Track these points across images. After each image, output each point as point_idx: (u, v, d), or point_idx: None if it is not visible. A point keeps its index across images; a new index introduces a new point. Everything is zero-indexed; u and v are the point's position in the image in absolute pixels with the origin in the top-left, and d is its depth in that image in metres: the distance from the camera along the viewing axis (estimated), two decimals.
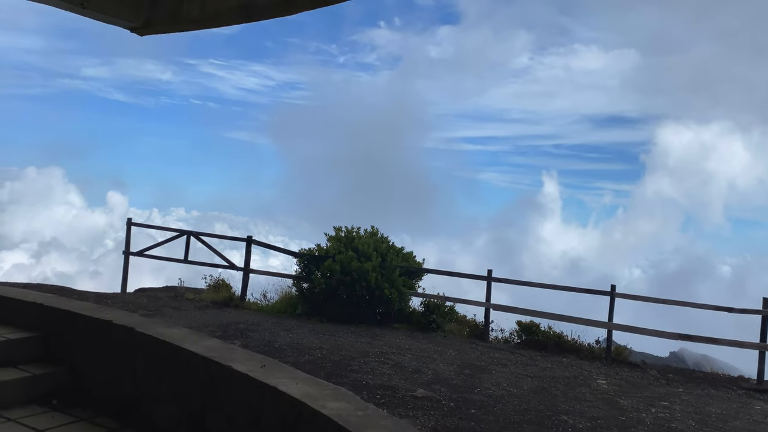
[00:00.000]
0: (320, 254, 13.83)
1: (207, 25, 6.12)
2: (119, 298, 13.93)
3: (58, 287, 14.46)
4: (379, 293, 12.90)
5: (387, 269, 13.15)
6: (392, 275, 13.10)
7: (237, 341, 10.40)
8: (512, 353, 12.26)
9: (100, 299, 13.49)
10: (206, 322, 12.10)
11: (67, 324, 5.68)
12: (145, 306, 13.25)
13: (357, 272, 12.85)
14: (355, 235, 14.20)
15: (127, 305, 13.14)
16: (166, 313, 12.73)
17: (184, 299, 14.54)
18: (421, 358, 10.68)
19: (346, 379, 8.64)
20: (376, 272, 12.90)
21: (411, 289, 13.59)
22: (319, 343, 10.95)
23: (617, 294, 12.54)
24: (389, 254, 13.44)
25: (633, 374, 11.90)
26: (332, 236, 14.30)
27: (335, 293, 13.16)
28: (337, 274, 13.01)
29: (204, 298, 14.57)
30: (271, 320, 12.84)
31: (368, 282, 12.78)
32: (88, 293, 14.14)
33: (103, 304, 13.18)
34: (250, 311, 13.86)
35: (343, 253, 13.34)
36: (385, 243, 13.81)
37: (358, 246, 13.43)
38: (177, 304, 13.82)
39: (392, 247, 13.79)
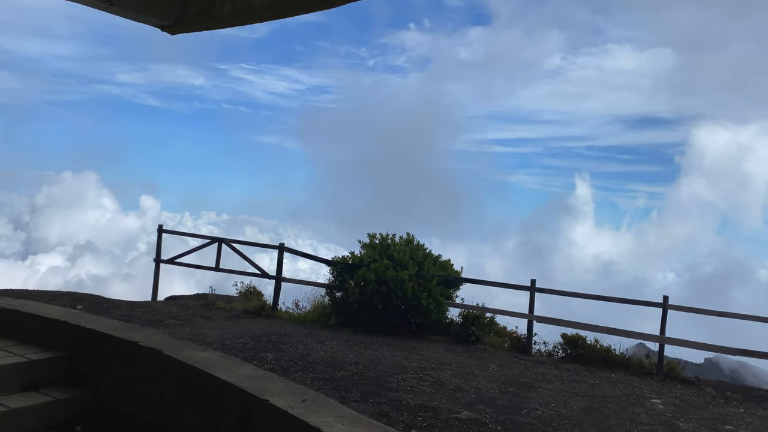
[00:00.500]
0: (354, 262, 13.38)
1: (239, 22, 5.71)
2: (150, 306, 13.67)
3: (90, 295, 14.27)
4: (416, 304, 12.39)
5: (424, 279, 12.63)
6: (429, 285, 12.57)
7: (270, 354, 9.99)
8: (557, 368, 11.62)
9: (131, 308, 13.25)
10: (238, 333, 11.73)
11: (93, 344, 5.29)
12: (175, 315, 12.95)
13: (393, 282, 12.35)
14: (390, 242, 13.71)
15: (158, 314, 12.85)
16: (197, 324, 12.40)
17: (215, 308, 14.22)
18: (462, 374, 10.12)
19: (384, 398, 8.14)
20: (412, 282, 12.39)
21: (449, 299, 13.04)
22: (355, 357, 10.47)
23: (670, 306, 11.82)
24: (426, 263, 12.92)
25: (688, 392, 11.17)
26: (366, 243, 13.84)
27: (370, 303, 12.68)
28: (371, 283, 12.53)
29: (235, 307, 14.22)
30: (304, 331, 12.41)
31: (404, 292, 12.28)
32: (119, 301, 13.92)
33: (133, 314, 12.94)
34: (282, 321, 13.46)
35: (378, 262, 12.86)
36: (421, 251, 13.30)
37: (393, 254, 12.94)
38: (208, 314, 13.49)
39: (429, 255, 13.26)
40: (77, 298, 13.66)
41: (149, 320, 12.20)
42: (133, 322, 11.97)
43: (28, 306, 6.10)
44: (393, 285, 12.35)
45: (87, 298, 13.79)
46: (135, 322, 11.96)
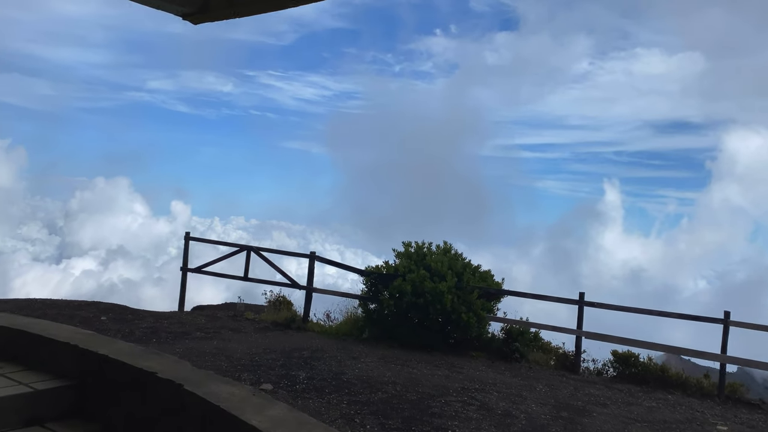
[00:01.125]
0: (388, 272, 12.67)
1: (266, 8, 5.05)
2: (176, 317, 13.13)
3: (115, 305, 13.81)
4: (456, 318, 11.62)
5: (463, 291, 11.86)
6: (470, 297, 11.79)
7: (301, 373, 9.32)
8: (609, 389, 10.74)
9: (157, 319, 12.73)
10: (267, 347, 11.10)
11: (105, 372, 4.66)
12: (202, 327, 12.38)
13: (431, 294, 11.61)
14: (427, 251, 12.97)
15: (184, 326, 12.31)
16: (225, 336, 11.81)
17: (244, 319, 13.63)
18: (509, 396, 9.32)
19: (428, 426, 7.39)
20: (451, 294, 11.62)
21: (490, 312, 12.24)
22: (392, 376, 9.74)
23: (732, 322, 10.86)
24: (465, 273, 12.14)
25: (754, 416, 10.21)
26: (401, 252, 13.12)
27: (406, 316, 11.95)
28: (408, 295, 11.80)
29: (264, 318, 13.62)
30: (336, 345, 11.73)
31: (443, 305, 11.52)
32: (144, 312, 13.43)
33: (159, 326, 12.41)
34: (313, 334, 12.80)
35: (415, 272, 12.13)
36: (460, 261, 12.53)
37: (430, 264, 12.20)
38: (236, 325, 12.91)
39: (468, 265, 12.48)
40: (102, 308, 13.20)
41: (175, 333, 11.66)
42: (159, 335, 11.45)
43: (36, 325, 5.51)
44: (431, 297, 11.60)
45: (112, 308, 13.33)
46: (161, 335, 11.43)
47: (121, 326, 11.85)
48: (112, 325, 11.91)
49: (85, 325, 11.71)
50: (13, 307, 12.75)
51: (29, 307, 12.75)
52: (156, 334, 11.44)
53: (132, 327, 11.84)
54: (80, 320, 12.01)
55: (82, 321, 11.96)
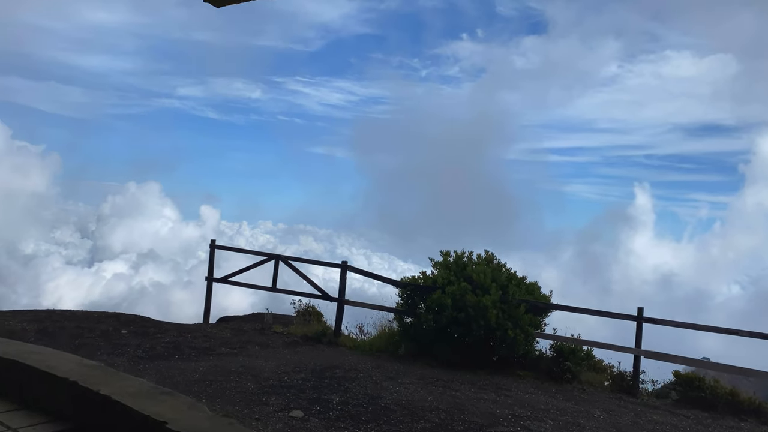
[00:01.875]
0: (426, 284, 11.77)
1: None
2: (200, 330, 12.40)
3: (137, 317, 13.14)
4: (501, 334, 10.67)
5: (509, 305, 10.90)
6: (516, 312, 10.83)
7: (335, 396, 8.47)
8: (673, 414, 9.69)
9: (180, 332, 12.02)
10: (297, 365, 10.29)
11: (107, 417, 3.86)
12: (228, 342, 11.63)
13: (473, 308, 10.68)
14: (467, 260, 12.05)
15: (208, 340, 11.56)
16: (252, 352, 11.04)
17: (272, 332, 12.85)
18: (566, 425, 8.34)
19: None
20: (496, 308, 10.69)
21: (537, 328, 11.26)
22: (434, 400, 8.83)
23: None
24: (510, 286, 11.19)
25: None
26: (439, 262, 12.21)
27: (446, 332, 11.04)
28: (448, 309, 10.89)
29: (293, 331, 12.82)
30: (371, 363, 10.87)
31: (487, 320, 10.58)
32: (167, 324, 12.72)
33: (182, 340, 11.69)
34: (345, 350, 11.96)
35: (455, 284, 11.22)
36: (504, 271, 11.57)
37: (472, 275, 11.27)
38: (264, 339, 12.13)
39: (513, 276, 11.52)
40: (123, 320, 12.53)
41: (199, 348, 10.92)
42: (181, 350, 10.72)
43: (34, 355, 4.75)
44: (473, 312, 10.67)
45: (134, 321, 12.65)
46: (183, 350, 10.70)
47: (142, 341, 11.15)
48: (133, 339, 11.22)
49: (105, 339, 11.05)
50: (31, 318, 12.16)
51: (48, 319, 12.14)
52: (178, 350, 10.72)
53: (153, 341, 11.13)
54: (100, 334, 11.35)
55: (101, 335, 11.30)
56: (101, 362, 9.87)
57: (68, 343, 10.55)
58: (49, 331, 11.26)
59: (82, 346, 10.46)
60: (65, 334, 11.13)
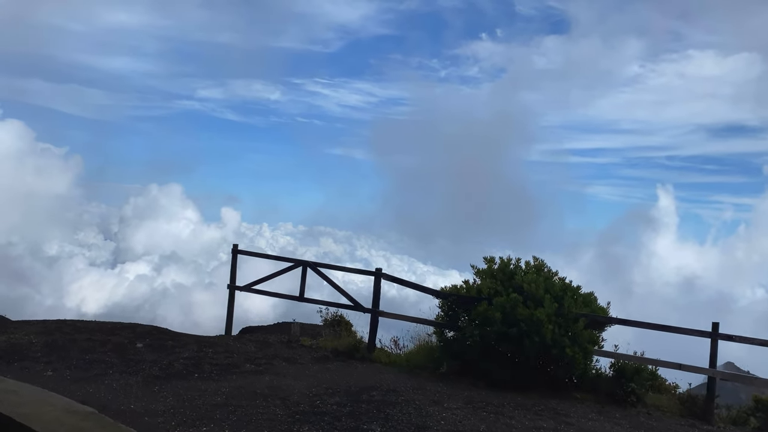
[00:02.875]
0: (470, 294, 10.65)
1: None
2: (222, 344, 11.41)
3: (154, 328, 12.18)
4: (557, 352, 9.52)
5: (565, 318, 9.76)
6: (574, 327, 9.68)
7: (376, 426, 7.39)
8: None
9: (200, 346, 11.03)
10: (330, 385, 9.25)
11: None
12: (252, 357, 10.61)
13: (526, 323, 9.55)
14: (514, 268, 10.91)
15: (231, 356, 10.56)
16: (279, 369, 10.01)
17: (299, 346, 11.81)
18: None
19: None
20: (552, 323, 9.54)
21: (595, 344, 10.08)
22: (487, 429, 7.73)
23: None
24: (566, 297, 10.03)
25: None
26: (483, 270, 11.08)
27: (494, 349, 9.93)
28: (496, 323, 9.77)
29: (323, 345, 11.77)
30: (411, 383, 9.79)
31: (542, 337, 9.45)
32: (186, 337, 11.74)
33: (203, 355, 10.68)
34: (380, 366, 10.88)
35: (503, 295, 10.10)
36: (557, 281, 10.42)
37: (522, 285, 10.14)
38: (291, 354, 11.10)
39: (568, 286, 10.36)
40: (139, 332, 11.58)
41: (221, 365, 9.92)
42: (202, 367, 9.72)
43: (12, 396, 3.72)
44: (526, 327, 9.54)
45: (150, 332, 11.69)
46: (204, 368, 9.70)
47: (159, 356, 10.17)
48: (149, 354, 10.25)
49: (119, 354, 10.09)
50: (39, 330, 11.26)
51: (58, 331, 11.22)
52: (199, 367, 9.72)
53: (171, 357, 10.15)
54: (113, 348, 10.40)
55: (115, 349, 10.35)
56: (113, 383, 8.94)
57: (78, 359, 9.62)
58: (58, 345, 10.33)
59: (93, 363, 9.52)
60: (75, 349, 10.19)
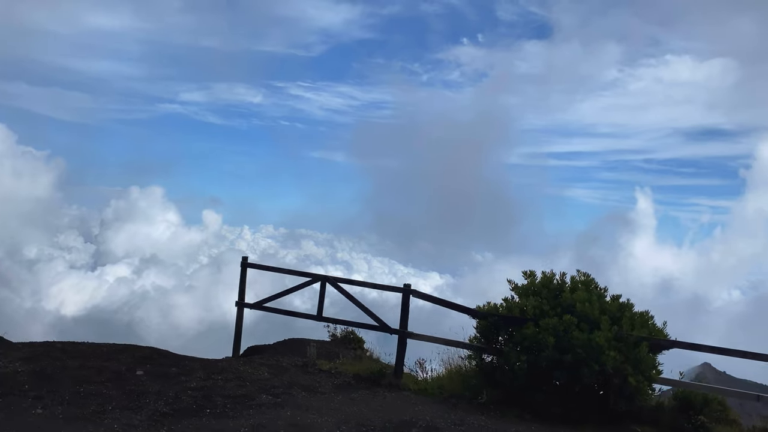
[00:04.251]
0: (512, 314, 9.52)
1: None
2: (232, 369, 10.17)
3: (153, 350, 10.90)
4: (619, 382, 8.42)
5: (625, 342, 8.66)
6: (638, 353, 8.58)
7: None
8: None
9: (208, 372, 9.80)
10: (360, 421, 8.07)
11: None
12: (268, 386, 9.39)
13: (583, 348, 8.43)
14: (559, 283, 9.81)
15: (244, 385, 9.33)
16: (299, 400, 8.81)
17: (317, 370, 10.60)
18: None
19: None
20: (612, 349, 8.44)
21: (655, 370, 9.00)
22: None
23: None
24: (624, 318, 8.94)
25: None
26: (522, 285, 9.97)
27: (545, 377, 8.80)
28: (548, 348, 8.64)
29: (344, 369, 10.58)
30: (450, 416, 8.63)
31: (602, 364, 8.33)
32: (191, 361, 10.48)
33: (212, 384, 9.41)
34: (410, 394, 9.71)
35: (550, 315, 8.99)
36: (614, 300, 9.32)
37: (574, 304, 9.03)
38: (310, 381, 9.89)
39: (626, 306, 9.26)
40: (138, 357, 10.30)
41: (234, 397, 8.69)
42: (213, 401, 8.48)
43: None
44: (584, 353, 8.43)
45: (150, 356, 10.42)
46: (216, 401, 8.47)
47: (163, 386, 8.92)
48: (152, 383, 9.00)
49: (117, 384, 8.82)
50: (27, 355, 9.95)
51: (47, 356, 9.92)
52: (209, 400, 8.49)
53: (177, 387, 8.90)
54: (110, 377, 9.14)
55: (112, 378, 9.09)
56: (113, 423, 7.66)
57: (71, 392, 8.34)
58: (47, 374, 9.04)
59: (89, 396, 8.25)
60: (67, 378, 8.91)
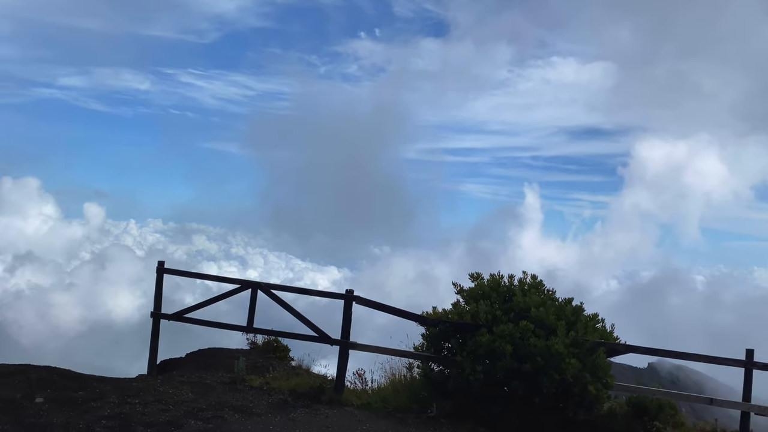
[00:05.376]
0: (463, 320, 8.97)
1: None
2: (150, 390, 8.91)
3: (52, 370, 9.38)
4: (579, 390, 8.07)
5: (581, 348, 8.33)
6: (595, 360, 8.27)
7: None
8: None
9: (122, 396, 8.52)
10: None
11: None
12: (194, 409, 8.26)
13: (543, 357, 8.01)
14: (507, 286, 9.37)
15: (167, 409, 8.15)
16: (233, 425, 7.79)
17: (247, 388, 9.53)
18: None
19: None
20: (572, 356, 8.07)
21: (610, 376, 8.73)
22: None
23: None
24: (578, 323, 8.62)
25: None
26: (470, 289, 9.44)
27: (501, 387, 8.31)
28: (506, 357, 8.14)
29: (277, 385, 9.59)
30: None
31: (562, 372, 7.94)
32: (100, 383, 9.10)
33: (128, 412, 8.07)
34: (354, 410, 8.91)
35: (504, 321, 8.51)
36: (564, 303, 8.97)
37: (528, 309, 8.60)
38: (241, 401, 8.84)
39: (579, 310, 8.94)
40: (35, 380, 8.79)
41: (158, 424, 7.52)
42: (134, 430, 7.31)
43: None
44: (543, 361, 8.00)
45: (48, 379, 8.92)
46: (136, 430, 7.29)
47: (70, 415, 7.58)
48: (56, 413, 7.63)
49: (13, 417, 7.39)
50: None
51: None
52: (129, 430, 7.28)
53: (87, 417, 7.59)
54: (2, 406, 7.67)
55: (5, 408, 7.63)
56: None
57: None
58: None
59: None
60: None
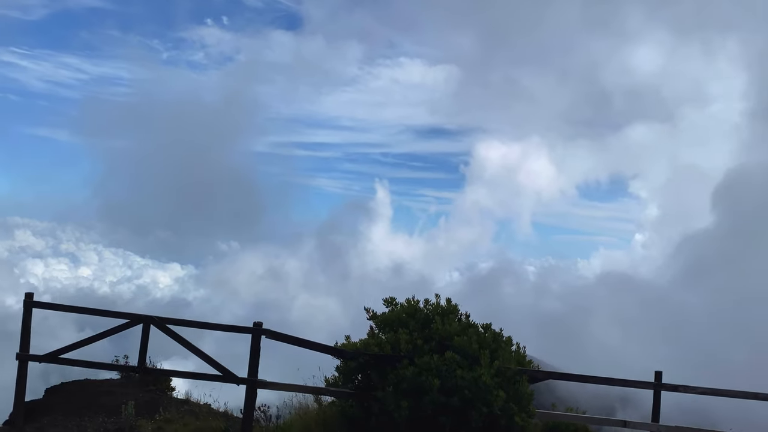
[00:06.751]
0: (383, 352, 8.47)
1: None
2: None
3: None
4: (506, 422, 7.88)
5: (504, 377, 8.16)
6: (519, 389, 8.14)
7: None
8: None
9: None
10: None
11: None
12: None
13: (470, 389, 7.73)
14: (423, 311, 9.00)
15: None
16: None
17: None
18: None
19: None
20: (499, 387, 7.86)
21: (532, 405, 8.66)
22: None
23: None
24: (500, 351, 8.46)
25: None
26: (383, 315, 8.97)
27: (428, 424, 7.92)
28: (432, 392, 7.76)
29: (174, 430, 8.52)
30: None
31: (490, 405, 7.71)
32: None
33: None
34: None
35: (426, 351, 8.15)
36: (487, 330, 8.76)
37: (451, 337, 8.29)
38: None
39: (498, 336, 8.76)
40: None
41: None
42: None
43: None
44: (470, 394, 7.72)
45: None
46: None
47: None
48: None
49: None
50: None
51: None
52: None
53: None
54: None
55: None
56: None
57: None
58: None
59: None
60: None
